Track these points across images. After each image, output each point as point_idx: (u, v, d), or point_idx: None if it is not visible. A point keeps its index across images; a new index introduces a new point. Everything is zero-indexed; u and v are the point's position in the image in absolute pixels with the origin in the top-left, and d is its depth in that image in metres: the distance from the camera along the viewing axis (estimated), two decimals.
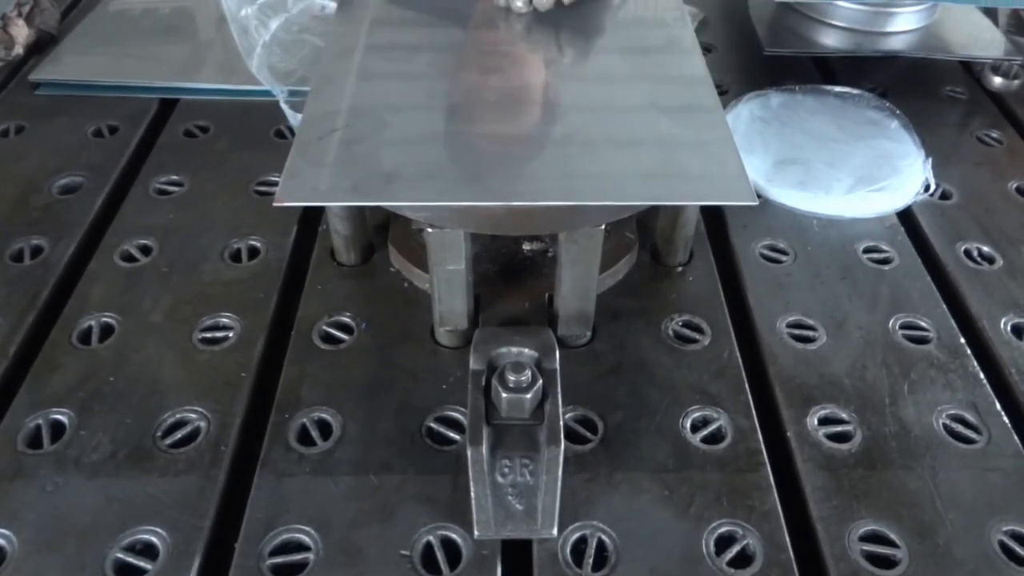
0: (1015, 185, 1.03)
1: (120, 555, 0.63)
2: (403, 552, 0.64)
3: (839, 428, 0.74)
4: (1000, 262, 0.91)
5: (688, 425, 0.73)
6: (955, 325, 0.84)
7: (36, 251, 0.88)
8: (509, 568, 0.64)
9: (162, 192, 0.97)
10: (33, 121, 1.08)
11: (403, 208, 0.74)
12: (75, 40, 1.22)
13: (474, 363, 0.69)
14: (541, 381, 0.67)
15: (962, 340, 0.82)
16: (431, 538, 0.65)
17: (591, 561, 0.64)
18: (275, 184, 0.96)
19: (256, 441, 0.71)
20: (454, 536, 0.65)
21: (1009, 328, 0.84)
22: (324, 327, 0.81)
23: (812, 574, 0.65)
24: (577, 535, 0.65)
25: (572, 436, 0.72)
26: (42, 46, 1.22)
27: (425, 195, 0.68)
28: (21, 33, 1.18)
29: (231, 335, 0.80)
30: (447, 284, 0.75)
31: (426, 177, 0.69)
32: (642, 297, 0.85)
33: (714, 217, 0.95)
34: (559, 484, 0.64)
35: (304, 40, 1.11)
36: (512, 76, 0.83)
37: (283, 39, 1.11)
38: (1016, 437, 0.74)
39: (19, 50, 1.18)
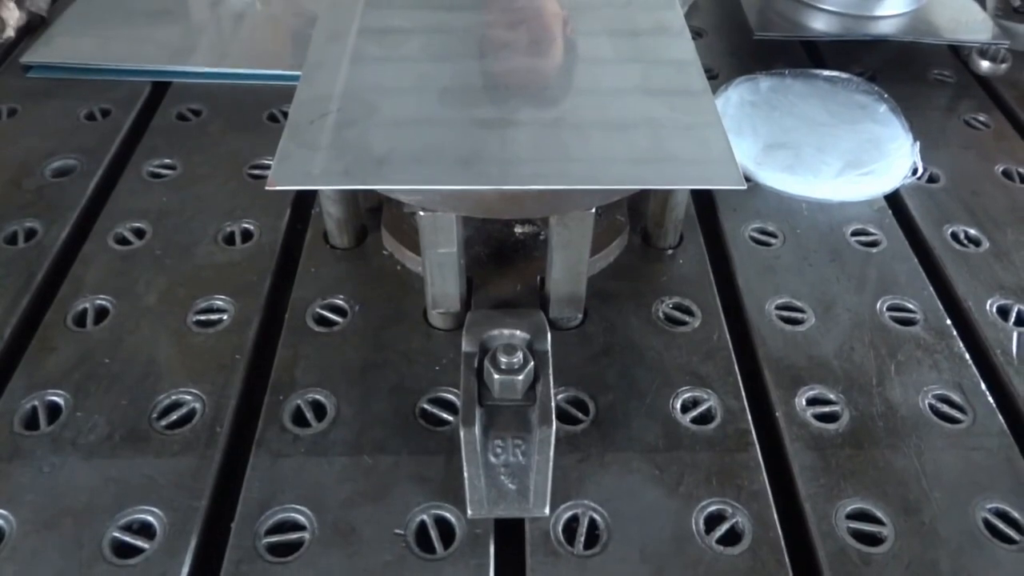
0: (1001, 168, 1.03)
1: (117, 534, 0.64)
2: (397, 531, 0.65)
3: (827, 408, 0.75)
4: (986, 244, 0.92)
5: (678, 406, 0.74)
6: (941, 307, 0.84)
7: (30, 234, 0.88)
8: (502, 546, 0.65)
9: (155, 175, 0.97)
10: (25, 104, 1.08)
11: (395, 192, 0.74)
12: (66, 22, 1.22)
13: (466, 345, 0.69)
14: (533, 363, 0.67)
15: (948, 321, 0.83)
16: (425, 517, 0.66)
17: (583, 539, 0.65)
18: (268, 167, 0.96)
19: (251, 422, 0.72)
20: (448, 515, 0.66)
21: (995, 310, 0.85)
22: (318, 309, 0.81)
23: (800, 551, 0.66)
24: (569, 514, 0.66)
25: (564, 417, 0.73)
26: (33, 28, 1.22)
27: (417, 179, 0.68)
28: (12, 15, 1.18)
29: (225, 317, 0.80)
30: (440, 267, 0.75)
31: (418, 161, 0.69)
32: (633, 280, 0.86)
33: (704, 200, 0.96)
34: (551, 464, 0.64)
35: None
36: (501, 58, 0.83)
37: None
38: (1000, 417, 0.75)
39: (10, 32, 1.18)
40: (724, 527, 0.66)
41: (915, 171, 1.00)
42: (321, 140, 0.71)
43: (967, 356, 0.80)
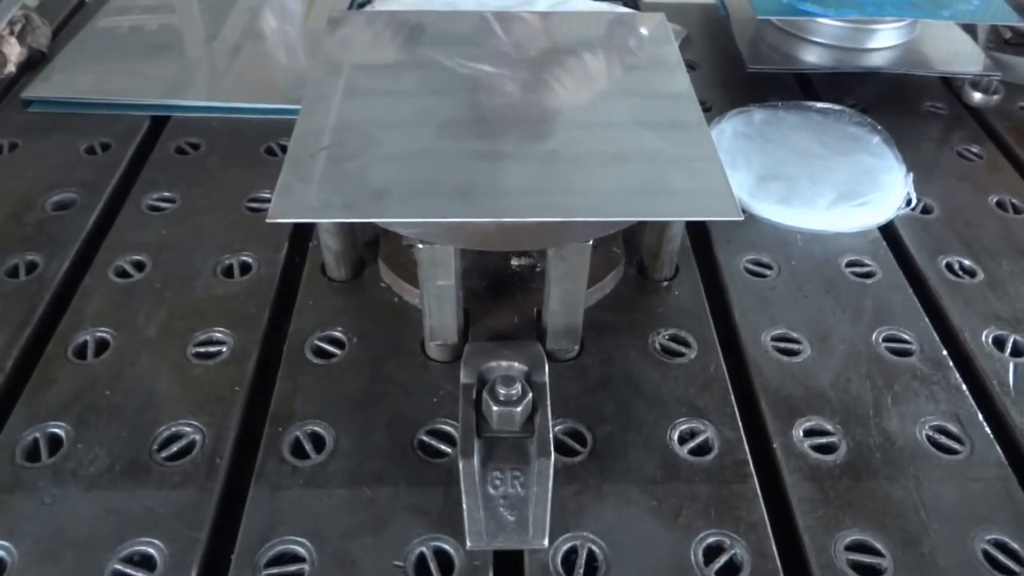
0: (995, 199, 1.04)
1: (118, 566, 0.64)
2: (396, 563, 0.65)
3: (824, 440, 0.75)
4: (981, 275, 0.92)
5: (675, 437, 0.74)
6: (937, 338, 0.85)
7: (31, 267, 0.89)
8: None
9: (154, 208, 0.98)
10: (26, 138, 1.08)
11: (394, 224, 0.75)
12: (66, 58, 1.23)
13: (465, 377, 0.70)
14: (531, 394, 0.68)
15: (944, 352, 0.83)
16: (424, 549, 0.66)
17: (582, 571, 0.65)
18: (266, 200, 0.97)
19: (251, 454, 0.72)
20: (447, 547, 0.66)
21: (991, 340, 0.85)
22: (316, 341, 0.82)
23: None
24: (567, 546, 0.66)
25: (562, 448, 0.73)
26: (34, 64, 1.23)
27: (416, 212, 0.69)
28: (13, 51, 1.19)
29: (224, 350, 0.80)
30: (437, 299, 0.76)
31: (417, 194, 0.70)
32: (629, 311, 0.86)
33: (699, 232, 0.97)
34: (549, 495, 0.64)
35: None
36: (499, 93, 0.84)
37: None
38: (998, 447, 0.75)
39: (11, 68, 1.19)
40: (723, 559, 0.66)
41: (909, 202, 1.01)
42: (321, 173, 0.71)
43: (964, 387, 0.80)
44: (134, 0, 1.40)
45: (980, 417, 0.77)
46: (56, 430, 0.73)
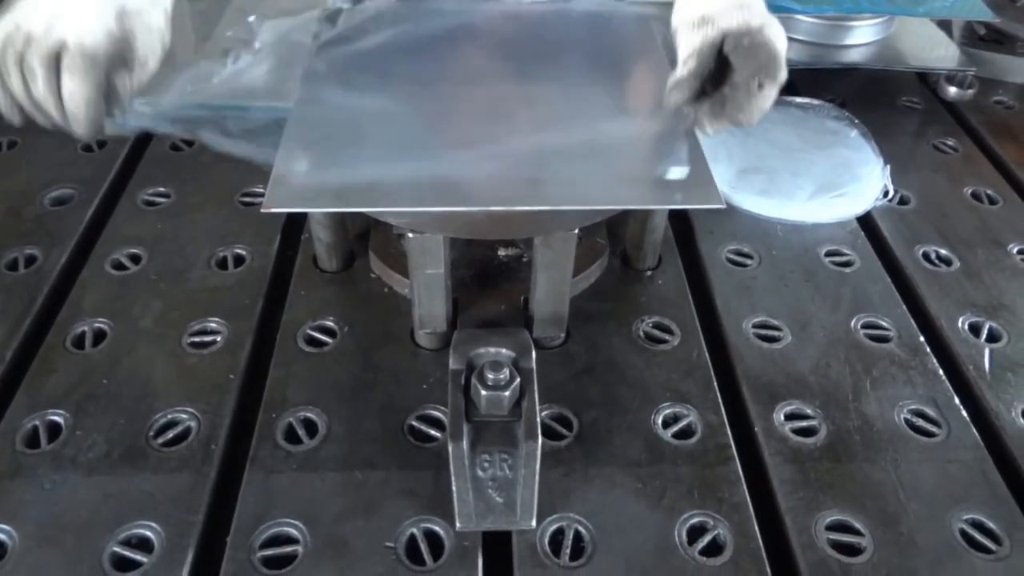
0: (970, 190, 1.06)
1: (117, 549, 0.65)
2: (388, 544, 0.66)
3: (805, 423, 0.76)
4: (957, 264, 0.94)
5: (659, 421, 0.76)
6: (914, 324, 0.86)
7: (30, 260, 0.90)
8: (490, 559, 0.66)
9: (150, 203, 0.99)
10: (25, 137, 1.09)
11: (384, 214, 0.76)
12: None
13: (454, 363, 0.71)
14: (519, 379, 0.69)
15: (921, 338, 0.85)
16: (415, 530, 0.67)
17: (568, 551, 0.66)
18: (259, 195, 0.98)
19: (245, 440, 0.73)
20: (437, 528, 0.67)
21: (966, 326, 0.87)
22: (308, 331, 0.83)
23: (781, 562, 0.67)
24: (555, 527, 0.68)
25: (548, 433, 0.74)
26: None
27: (405, 201, 0.70)
28: None
29: (219, 339, 0.82)
30: (427, 287, 0.77)
31: (406, 184, 0.71)
32: (613, 300, 0.87)
33: (682, 223, 0.98)
34: (537, 478, 0.66)
35: None
36: (485, 87, 0.85)
37: None
38: (974, 430, 0.76)
39: None
40: (706, 538, 0.67)
41: (886, 194, 1.02)
42: (313, 166, 0.72)
43: (940, 372, 0.82)
44: None
45: (956, 401, 0.79)
46: (55, 418, 0.75)
